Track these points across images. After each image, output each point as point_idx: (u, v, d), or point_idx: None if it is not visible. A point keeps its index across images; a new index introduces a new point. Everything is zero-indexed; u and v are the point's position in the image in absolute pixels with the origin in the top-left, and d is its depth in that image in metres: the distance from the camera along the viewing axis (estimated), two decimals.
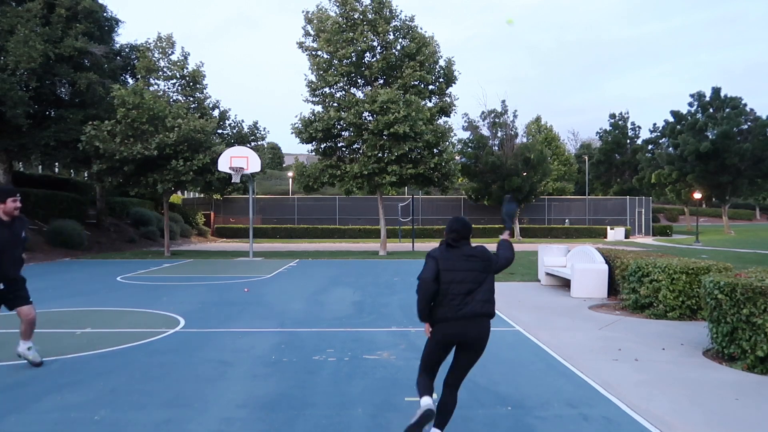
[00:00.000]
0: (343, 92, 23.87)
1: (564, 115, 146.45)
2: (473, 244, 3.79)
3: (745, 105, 44.84)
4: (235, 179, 20.73)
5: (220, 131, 23.76)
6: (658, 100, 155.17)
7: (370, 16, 23.08)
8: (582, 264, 11.09)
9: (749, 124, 44.24)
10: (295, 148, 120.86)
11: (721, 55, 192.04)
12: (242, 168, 20.31)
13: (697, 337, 7.08)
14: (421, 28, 23.62)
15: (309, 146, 24.27)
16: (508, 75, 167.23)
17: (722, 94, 46.06)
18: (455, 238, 3.72)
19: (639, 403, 4.66)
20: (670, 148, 47.68)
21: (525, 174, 35.61)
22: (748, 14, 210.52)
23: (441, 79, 24.31)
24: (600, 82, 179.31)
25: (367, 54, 23.42)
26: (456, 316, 3.59)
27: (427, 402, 3.57)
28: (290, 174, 44.60)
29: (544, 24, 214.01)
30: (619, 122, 59.84)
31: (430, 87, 24.08)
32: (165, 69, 22.98)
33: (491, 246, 4.00)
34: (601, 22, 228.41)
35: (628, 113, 59.99)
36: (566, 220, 41.64)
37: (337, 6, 23.40)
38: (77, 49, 21.62)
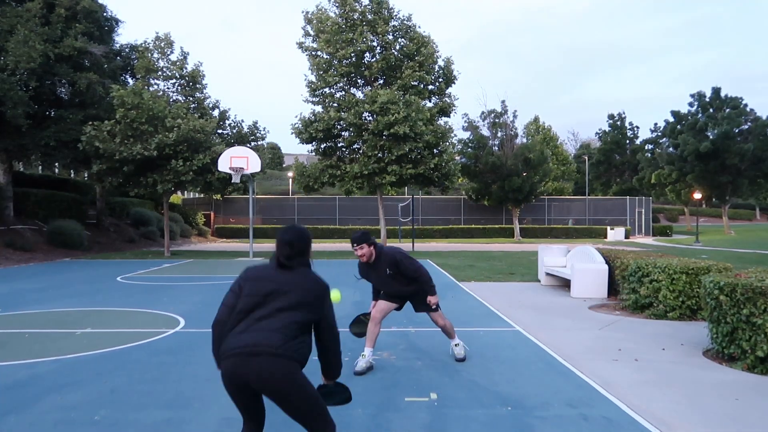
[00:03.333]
0: (343, 92, 23.89)
1: (561, 116, 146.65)
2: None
3: (746, 105, 44.83)
4: (235, 179, 20.73)
5: (219, 131, 23.74)
6: (658, 100, 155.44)
7: (369, 16, 23.10)
8: (582, 264, 11.08)
9: (749, 124, 44.22)
10: (295, 148, 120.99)
11: (721, 55, 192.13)
12: (242, 168, 20.30)
13: (697, 337, 7.07)
14: (419, 28, 23.65)
15: (309, 146, 24.29)
16: (507, 77, 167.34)
17: (722, 94, 46.06)
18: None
19: (639, 403, 4.65)
20: (670, 148, 47.67)
21: (525, 174, 35.62)
22: (748, 14, 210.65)
23: (440, 80, 24.34)
24: (600, 82, 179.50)
25: (367, 54, 23.45)
26: None
27: None
28: (290, 174, 44.58)
29: (543, 27, 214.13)
30: (617, 122, 59.93)
31: (430, 87, 24.10)
32: (164, 69, 22.98)
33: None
34: (600, 22, 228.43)
35: (624, 114, 60.22)
36: (570, 221, 41.57)
37: (337, 6, 23.42)
38: (77, 49, 21.62)
